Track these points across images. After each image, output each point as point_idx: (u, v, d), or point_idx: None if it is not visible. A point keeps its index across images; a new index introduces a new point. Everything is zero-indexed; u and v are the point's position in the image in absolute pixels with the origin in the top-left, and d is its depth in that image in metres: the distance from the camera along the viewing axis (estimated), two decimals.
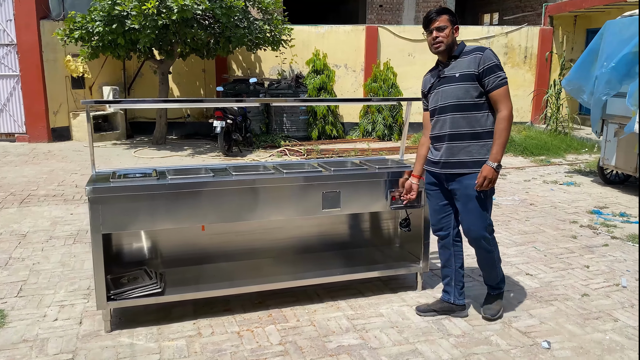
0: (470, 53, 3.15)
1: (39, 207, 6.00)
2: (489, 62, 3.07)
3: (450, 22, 3.16)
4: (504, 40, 12.46)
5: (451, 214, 3.38)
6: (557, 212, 6.00)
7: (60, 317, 3.42)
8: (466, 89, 3.12)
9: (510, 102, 3.09)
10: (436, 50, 3.17)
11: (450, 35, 3.15)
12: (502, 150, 3.09)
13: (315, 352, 3.03)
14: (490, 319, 3.41)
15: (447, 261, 3.44)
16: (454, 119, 3.17)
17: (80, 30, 9.35)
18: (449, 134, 3.19)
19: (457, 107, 3.15)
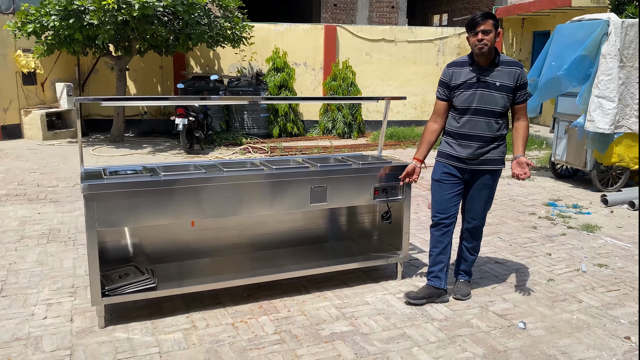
0: (508, 65, 3.45)
1: (2, 207, 5.83)
2: (524, 79, 3.47)
3: (495, 27, 3.37)
4: (456, 41, 12.93)
5: (458, 205, 3.66)
6: (515, 204, 6.36)
7: (50, 315, 3.40)
8: (504, 99, 3.43)
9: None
10: (480, 51, 3.37)
11: (493, 40, 3.37)
12: (525, 145, 3.61)
13: (310, 339, 3.17)
14: (461, 298, 3.74)
15: (445, 248, 3.68)
16: (489, 123, 3.47)
17: (33, 23, 9.05)
18: (483, 135, 3.49)
19: (494, 113, 3.45)
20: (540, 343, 3.18)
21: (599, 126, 6.51)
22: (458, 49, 12.96)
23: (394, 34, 12.68)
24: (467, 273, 3.87)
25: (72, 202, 6.07)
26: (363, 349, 3.07)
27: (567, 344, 3.18)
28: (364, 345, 3.12)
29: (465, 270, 3.86)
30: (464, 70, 3.51)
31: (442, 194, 3.64)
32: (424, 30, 12.99)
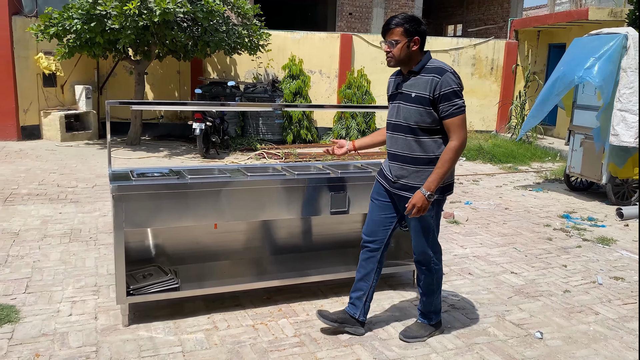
0: (429, 73, 2.92)
1: (25, 206, 5.94)
2: (446, 88, 2.86)
3: (406, 34, 2.92)
4: (472, 52, 12.97)
5: (389, 229, 3.24)
6: (530, 216, 6.38)
7: (75, 313, 3.48)
8: (420, 113, 2.94)
9: (463, 132, 2.91)
10: (388, 64, 3.01)
11: (403, 50, 2.93)
12: (439, 180, 2.91)
13: (329, 343, 3.22)
14: (403, 338, 3.25)
15: (367, 275, 3.28)
16: (406, 141, 3.02)
17: (56, 27, 9.23)
18: (401, 155, 3.05)
19: (410, 129, 2.99)
20: (558, 353, 3.21)
21: (624, 140, 6.52)
22: (473, 59, 13.00)
23: None
24: (422, 314, 3.35)
25: (91, 203, 6.18)
26: (382, 354, 3.12)
27: (584, 355, 3.20)
28: (382, 350, 3.16)
29: (421, 311, 3.36)
30: (395, 79, 3.14)
31: (372, 214, 3.28)
32: (440, 41, 13.05)
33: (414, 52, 2.96)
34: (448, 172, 2.94)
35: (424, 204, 2.94)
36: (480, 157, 10.30)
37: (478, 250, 5.06)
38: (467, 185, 8.01)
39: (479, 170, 9.30)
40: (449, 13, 22.58)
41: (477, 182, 8.25)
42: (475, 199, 7.14)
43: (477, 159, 10.28)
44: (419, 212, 2.95)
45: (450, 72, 2.92)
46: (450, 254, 4.91)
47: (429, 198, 2.93)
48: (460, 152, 2.93)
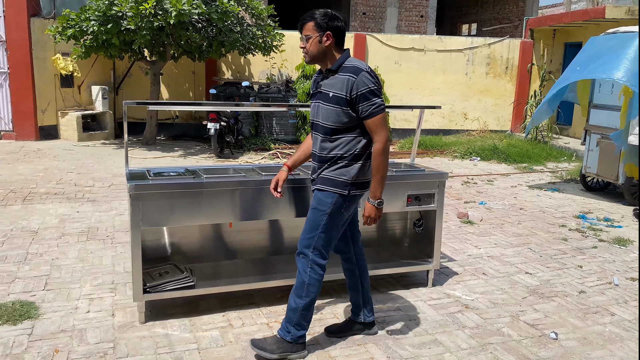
0: (346, 72, 2.84)
1: (43, 205, 6.04)
2: (362, 88, 2.79)
3: (318, 29, 2.83)
4: (486, 51, 12.90)
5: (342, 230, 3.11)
6: (545, 216, 6.34)
7: (92, 310, 3.53)
8: (337, 114, 2.87)
9: (385, 132, 2.84)
10: (304, 60, 2.96)
11: (315, 45, 2.85)
12: (380, 186, 2.88)
13: (343, 341, 3.24)
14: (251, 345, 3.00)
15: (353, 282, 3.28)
16: (324, 141, 2.94)
17: (73, 28, 9.36)
18: (317, 155, 2.99)
19: (324, 129, 2.92)
20: (573, 354, 3.20)
21: None
22: (488, 59, 12.93)
23: (424, 43, 12.72)
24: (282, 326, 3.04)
25: (108, 202, 6.26)
26: (395, 353, 3.13)
27: (599, 356, 3.19)
28: (396, 349, 3.17)
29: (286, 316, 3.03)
30: (316, 78, 3.08)
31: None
32: (454, 40, 13.00)
33: (327, 48, 2.87)
34: (385, 174, 2.90)
35: (377, 213, 2.94)
36: (494, 157, 10.24)
37: (492, 250, 5.05)
38: (482, 185, 7.97)
39: (493, 170, 9.25)
40: (464, 12, 22.46)
41: (491, 182, 8.21)
42: (489, 199, 7.11)
43: (491, 158, 10.23)
44: (375, 221, 2.97)
45: (366, 72, 2.84)
46: (464, 254, 4.90)
47: (379, 205, 2.93)
48: (386, 152, 2.86)
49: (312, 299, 3.01)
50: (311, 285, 2.99)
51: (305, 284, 2.98)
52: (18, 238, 4.88)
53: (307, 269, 2.98)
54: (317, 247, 2.97)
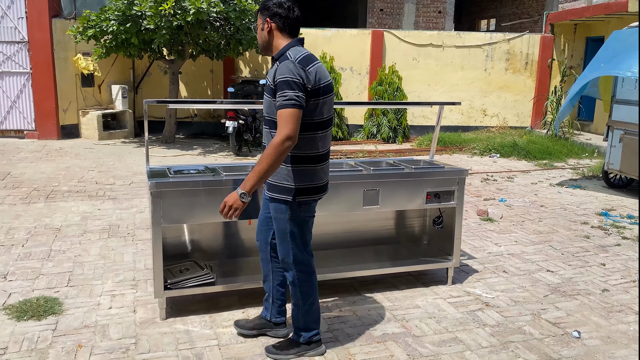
0: (280, 61, 2.70)
1: (65, 203, 6.14)
2: (279, 76, 2.61)
3: (262, 17, 2.77)
4: (506, 46, 12.75)
5: (269, 229, 3.05)
6: (567, 213, 6.25)
7: (114, 306, 3.58)
8: (269, 104, 2.73)
9: (288, 128, 2.56)
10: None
11: (259, 33, 2.79)
12: (255, 179, 2.60)
13: (363, 339, 3.23)
14: (265, 352, 3.01)
15: (267, 276, 3.16)
16: (267, 135, 2.82)
17: (94, 29, 9.48)
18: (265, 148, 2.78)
19: (267, 122, 2.80)
20: (596, 353, 3.15)
21: None
22: (507, 54, 12.78)
23: (442, 39, 12.62)
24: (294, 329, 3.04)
25: (129, 200, 6.33)
26: (415, 351, 3.11)
27: (623, 355, 3.13)
28: (416, 347, 3.16)
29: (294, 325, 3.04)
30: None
31: (259, 213, 3.17)
32: (472, 36, 12.87)
33: (271, 36, 2.77)
34: (266, 170, 2.59)
35: (236, 204, 2.65)
36: (514, 153, 10.13)
37: (513, 248, 4.99)
38: (502, 183, 7.89)
39: (513, 167, 9.15)
40: (482, 7, 22.23)
41: (511, 179, 8.12)
42: (509, 196, 7.03)
43: (511, 155, 10.12)
44: (229, 211, 2.67)
45: (291, 61, 2.63)
46: (484, 252, 4.86)
47: (242, 198, 2.64)
48: (281, 149, 2.56)
49: (311, 301, 2.95)
50: (305, 289, 2.92)
51: (297, 291, 2.92)
52: (42, 235, 4.97)
53: (294, 276, 2.91)
54: (294, 254, 2.87)
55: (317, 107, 2.71)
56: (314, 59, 2.72)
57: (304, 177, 2.76)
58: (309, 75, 2.63)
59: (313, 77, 2.65)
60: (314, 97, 2.67)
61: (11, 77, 10.81)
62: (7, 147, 9.79)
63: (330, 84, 2.79)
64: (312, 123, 2.73)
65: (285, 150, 2.58)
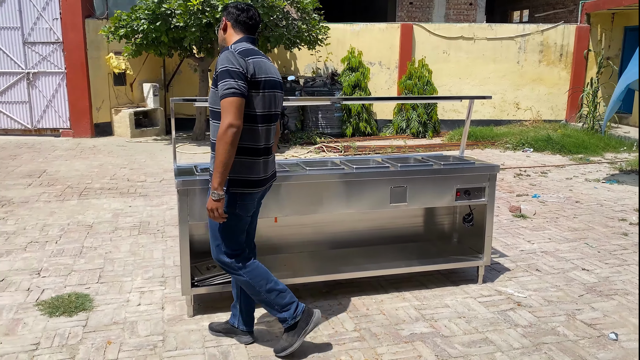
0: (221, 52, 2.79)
1: (97, 200, 6.25)
2: (219, 66, 2.66)
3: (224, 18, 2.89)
4: (539, 38, 12.42)
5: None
6: (603, 209, 6.04)
7: (143, 302, 3.62)
8: (214, 93, 2.76)
9: (230, 116, 2.58)
10: None
11: (219, 32, 2.92)
12: (217, 174, 2.62)
13: (390, 338, 3.18)
14: (275, 353, 3.00)
15: (234, 282, 3.15)
16: (212, 128, 2.82)
17: (125, 28, 9.62)
18: (211, 141, 2.84)
19: (212, 113, 2.81)
20: (634, 356, 3.03)
21: None
22: (541, 46, 12.44)
23: (473, 32, 12.38)
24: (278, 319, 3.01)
25: (159, 197, 6.41)
26: (444, 352, 3.05)
27: None
28: (444, 347, 3.09)
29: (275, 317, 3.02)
30: None
31: None
32: (505, 27, 12.57)
33: (225, 33, 2.89)
34: (222, 162, 2.60)
35: (213, 205, 2.68)
36: (548, 147, 9.87)
37: (546, 245, 4.85)
38: (535, 178, 7.69)
39: (547, 162, 8.91)
40: None
41: (545, 175, 7.91)
42: (543, 191, 6.85)
43: (545, 149, 9.86)
44: (213, 214, 2.70)
45: (231, 51, 2.69)
46: (516, 250, 4.74)
47: (213, 197, 2.66)
48: (226, 138, 2.57)
49: (268, 288, 2.90)
50: (254, 280, 2.90)
51: (249, 284, 2.90)
52: (74, 232, 5.07)
53: (236, 273, 2.91)
54: (227, 251, 2.88)
55: (257, 99, 2.75)
56: (256, 54, 2.77)
57: (240, 169, 2.76)
58: (249, 66, 2.67)
59: (252, 67, 2.69)
60: (254, 88, 2.71)
61: (47, 77, 11.08)
62: (43, 146, 10.05)
63: (275, 82, 2.85)
64: (253, 115, 2.75)
65: (231, 137, 2.59)
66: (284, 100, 3.11)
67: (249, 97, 2.70)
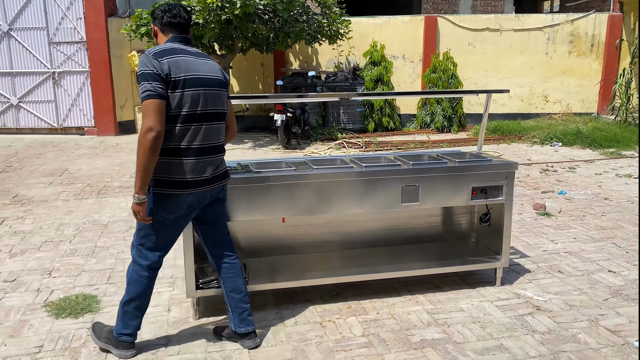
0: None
1: (115, 198, 6.27)
2: (138, 71, 2.66)
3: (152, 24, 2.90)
4: (569, 28, 12.00)
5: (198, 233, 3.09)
6: (634, 207, 5.76)
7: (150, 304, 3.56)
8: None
9: (148, 119, 2.56)
10: None
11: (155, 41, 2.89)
12: (137, 178, 2.62)
13: (399, 345, 3.05)
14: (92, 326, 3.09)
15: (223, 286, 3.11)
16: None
17: (146, 26, 9.66)
18: None
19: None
20: None
21: None
22: (571, 36, 12.02)
23: (499, 23, 12.03)
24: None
25: None
26: (455, 359, 2.90)
27: None
28: (456, 354, 2.95)
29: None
30: None
31: None
32: (533, 18, 12.18)
33: (157, 39, 2.87)
34: (142, 166, 2.58)
35: (135, 209, 2.69)
36: (578, 141, 9.52)
37: (571, 245, 4.63)
38: (562, 173, 7.41)
39: (576, 157, 8.59)
40: None
41: (573, 170, 7.61)
42: (570, 188, 6.58)
43: (574, 144, 9.52)
44: (136, 217, 2.73)
45: (146, 54, 2.65)
46: (538, 250, 4.53)
47: (135, 200, 2.67)
48: (144, 141, 2.54)
49: (132, 297, 2.87)
50: (130, 284, 2.89)
51: (130, 284, 2.89)
52: (89, 231, 5.08)
53: (130, 265, 2.91)
54: (139, 246, 2.87)
55: (175, 99, 2.66)
56: (175, 52, 2.69)
57: (162, 169, 2.70)
58: (162, 66, 2.61)
59: (167, 67, 2.62)
60: (172, 88, 2.64)
61: (71, 76, 11.23)
62: (68, 144, 10.19)
63: (204, 79, 2.74)
64: (173, 115, 2.67)
65: (150, 141, 2.55)
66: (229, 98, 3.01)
67: (169, 98, 2.65)
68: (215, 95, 2.82)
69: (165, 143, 2.67)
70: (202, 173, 2.79)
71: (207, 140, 2.80)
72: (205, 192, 2.85)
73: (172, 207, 2.77)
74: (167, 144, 2.68)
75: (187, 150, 2.73)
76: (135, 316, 2.92)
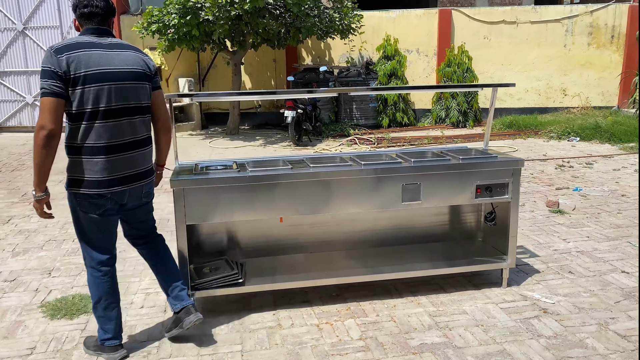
0: None
1: None
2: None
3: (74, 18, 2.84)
4: (588, 19, 11.67)
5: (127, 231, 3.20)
6: None
7: (146, 305, 3.53)
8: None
9: (41, 118, 2.51)
10: None
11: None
12: (34, 175, 2.60)
13: (397, 349, 2.95)
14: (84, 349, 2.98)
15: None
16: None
17: (157, 23, 9.65)
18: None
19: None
20: None
21: None
22: (590, 27, 11.70)
23: (516, 15, 11.76)
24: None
25: None
26: None
27: None
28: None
29: None
30: None
31: None
32: (550, 10, 11.88)
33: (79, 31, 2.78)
34: (36, 164, 2.56)
35: (34, 205, 2.70)
36: (596, 136, 9.26)
37: (583, 244, 4.47)
38: (579, 169, 7.19)
39: (594, 152, 8.35)
40: None
41: (590, 165, 7.39)
42: (586, 184, 6.38)
43: (593, 138, 9.26)
44: (37, 213, 2.72)
45: (49, 50, 2.59)
46: (549, 249, 4.38)
47: (34, 197, 2.67)
48: (37, 140, 2.51)
49: (96, 300, 2.84)
50: (90, 287, 2.87)
51: (94, 294, 2.86)
52: None
53: (90, 279, 2.88)
54: (82, 248, 2.88)
55: (77, 97, 2.58)
56: (79, 47, 2.59)
57: (74, 169, 2.68)
58: (61, 63, 2.53)
59: (65, 64, 2.53)
60: (72, 85, 2.56)
61: None
62: None
63: (101, 73, 2.62)
64: (74, 113, 2.60)
65: (42, 139, 2.51)
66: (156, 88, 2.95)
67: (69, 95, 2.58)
68: (125, 89, 2.69)
69: (73, 141, 2.64)
70: (116, 171, 2.71)
71: (118, 137, 2.69)
72: (124, 192, 2.77)
73: (91, 205, 2.72)
74: (75, 142, 2.64)
75: (94, 148, 2.65)
76: (108, 319, 2.87)
